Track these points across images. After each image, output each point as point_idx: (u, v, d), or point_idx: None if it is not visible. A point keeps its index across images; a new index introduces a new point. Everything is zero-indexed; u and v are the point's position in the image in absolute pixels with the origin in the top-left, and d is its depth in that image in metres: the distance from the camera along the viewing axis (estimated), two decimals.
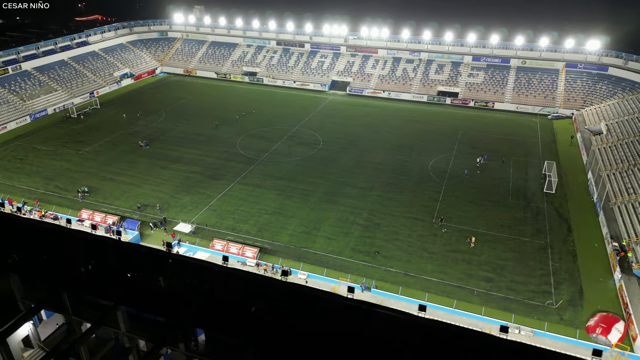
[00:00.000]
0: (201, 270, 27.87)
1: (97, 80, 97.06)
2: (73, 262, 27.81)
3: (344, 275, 42.44)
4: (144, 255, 29.85)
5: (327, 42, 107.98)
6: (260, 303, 23.65)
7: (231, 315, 24.32)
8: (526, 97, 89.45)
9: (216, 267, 28.35)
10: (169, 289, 26.04)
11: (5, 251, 28.03)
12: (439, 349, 21.31)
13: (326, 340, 21.55)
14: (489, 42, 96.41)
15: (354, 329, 22.44)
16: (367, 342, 21.28)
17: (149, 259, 29.20)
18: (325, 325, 22.68)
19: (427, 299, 39.21)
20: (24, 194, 55.86)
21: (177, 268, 27.83)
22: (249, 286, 26.33)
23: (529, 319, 38.36)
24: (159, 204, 53.13)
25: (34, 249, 28.85)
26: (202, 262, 30.61)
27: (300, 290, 26.91)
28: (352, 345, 21.20)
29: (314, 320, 23.20)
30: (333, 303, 25.40)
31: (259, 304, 23.48)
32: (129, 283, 26.44)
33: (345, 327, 22.62)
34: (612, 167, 60.72)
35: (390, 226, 50.93)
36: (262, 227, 50.51)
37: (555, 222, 51.87)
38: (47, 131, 75.34)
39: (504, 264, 44.88)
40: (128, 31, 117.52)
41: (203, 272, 27.44)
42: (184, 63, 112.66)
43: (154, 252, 30.76)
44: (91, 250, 29.19)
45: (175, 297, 25.96)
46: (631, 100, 79.03)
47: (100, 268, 27.18)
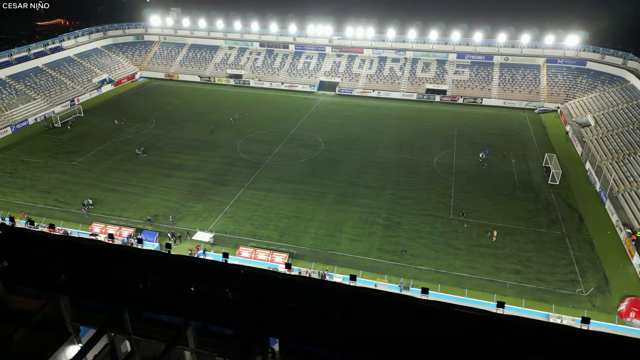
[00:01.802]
0: (262, 279, 27.06)
1: (76, 87, 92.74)
2: (128, 278, 26.39)
3: (380, 277, 42.29)
4: (200, 267, 28.70)
5: (311, 42, 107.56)
6: (333, 308, 23.07)
7: (308, 322, 23.69)
8: (512, 92, 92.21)
9: (278, 275, 27.62)
10: (239, 300, 25.12)
11: (52, 271, 26.28)
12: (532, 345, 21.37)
13: (410, 342, 21.14)
14: (472, 40, 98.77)
15: (438, 329, 22.18)
16: (458, 340, 21.03)
17: (207, 271, 28.09)
18: (403, 326, 22.27)
19: (467, 294, 39.62)
20: (24, 211, 52.54)
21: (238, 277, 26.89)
22: (314, 292, 25.69)
23: (564, 307, 39.42)
24: (171, 216, 51.11)
25: (82, 268, 27.19)
26: (260, 271, 29.73)
27: (371, 294, 26.56)
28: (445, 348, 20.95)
29: (389, 322, 22.86)
30: (406, 304, 25.19)
31: (332, 309, 22.89)
32: (196, 297, 25.31)
33: (428, 328, 22.33)
34: (608, 157, 63.40)
35: (411, 224, 51.16)
36: (284, 232, 49.63)
37: (566, 212, 53.62)
38: (33, 142, 71.24)
39: (528, 256, 45.96)
40: (102, 35, 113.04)
41: (265, 281, 26.64)
42: (165, 67, 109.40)
43: (211, 263, 29.59)
44: (142, 265, 27.78)
45: (247, 308, 25.06)
46: (612, 93, 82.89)
47: (158, 283, 25.89)
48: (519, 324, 23.08)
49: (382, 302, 25.13)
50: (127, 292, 26.26)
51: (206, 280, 27.03)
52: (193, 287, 26.29)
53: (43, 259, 28.79)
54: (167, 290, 26.31)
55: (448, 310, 24.26)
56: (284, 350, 26.64)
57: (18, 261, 27.18)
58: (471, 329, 22.54)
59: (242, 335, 25.32)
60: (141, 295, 25.97)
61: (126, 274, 26.70)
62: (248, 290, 26.19)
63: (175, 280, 27.27)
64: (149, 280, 26.19)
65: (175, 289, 26.55)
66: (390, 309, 24.40)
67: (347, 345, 21.95)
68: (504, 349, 20.98)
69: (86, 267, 27.54)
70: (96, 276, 26.65)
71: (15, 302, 28.44)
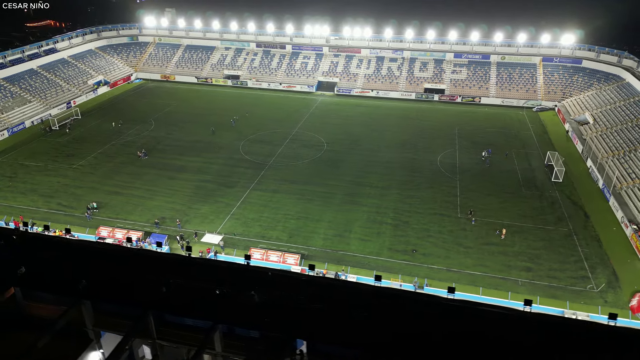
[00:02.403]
0: (284, 280, 26.88)
1: (72, 89, 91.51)
2: (151, 282, 26.04)
3: (394, 276, 42.27)
4: (224, 270, 28.41)
5: (308, 43, 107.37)
6: (360, 309, 22.95)
7: (336, 323, 23.54)
8: (509, 91, 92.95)
9: (303, 276, 27.46)
10: (265, 302, 24.92)
11: (72, 276, 25.82)
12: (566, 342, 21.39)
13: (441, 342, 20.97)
14: (469, 40, 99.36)
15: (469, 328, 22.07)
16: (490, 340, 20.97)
17: (230, 273, 27.83)
18: (432, 325, 22.14)
19: (482, 293, 39.78)
20: (25, 215, 51.67)
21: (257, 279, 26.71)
22: (339, 292, 25.56)
23: (577, 304, 39.77)
24: (178, 219, 50.54)
25: (102, 272, 26.78)
26: (282, 272, 29.54)
27: (397, 293, 26.50)
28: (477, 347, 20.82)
29: (417, 322, 22.76)
30: (432, 303, 25.14)
31: (359, 310, 22.76)
32: (223, 300, 25.04)
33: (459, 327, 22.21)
34: (609, 155, 64.16)
35: (419, 224, 51.27)
36: (293, 233, 49.43)
37: (571, 210, 54.13)
38: (31, 145, 70.09)
39: (537, 253, 46.30)
40: (96, 36, 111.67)
41: (287, 282, 26.47)
42: (160, 68, 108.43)
43: (234, 266, 29.30)
44: (162, 268, 27.43)
45: (274, 310, 24.87)
46: (608, 90, 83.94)
47: (182, 287, 25.58)
48: (549, 322, 23.17)
49: (408, 301, 25.08)
50: (151, 295, 25.90)
51: (230, 282, 26.80)
52: (218, 290, 26.03)
53: (61, 264, 28.30)
54: (191, 294, 26.00)
55: (475, 309, 24.29)
56: (311, 352, 26.46)
57: (36, 267, 26.64)
58: (501, 327, 22.57)
59: (268, 338, 25.14)
60: (166, 298, 25.65)
61: (148, 278, 26.35)
62: (273, 292, 26.03)
63: (199, 283, 26.98)
64: (172, 284, 25.88)
65: (200, 292, 26.24)
66: (417, 308, 24.37)
67: (376, 345, 21.80)
68: (539, 347, 20.98)
69: (106, 271, 27.10)
70: (117, 280, 26.26)
71: (34, 309, 27.92)
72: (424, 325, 22.69)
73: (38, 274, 27.09)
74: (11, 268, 25.96)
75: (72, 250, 29.89)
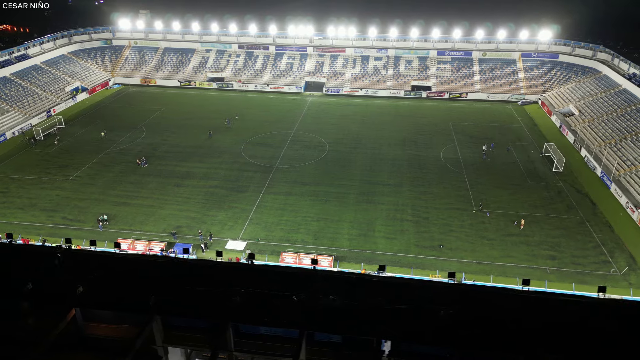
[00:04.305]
0: (357, 283, 26.59)
1: (49, 97, 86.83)
2: (218, 292, 25.09)
3: (432, 272, 42.64)
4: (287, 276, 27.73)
5: (292, 43, 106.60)
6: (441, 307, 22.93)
7: (419, 322, 23.46)
8: (493, 86, 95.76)
9: (374, 277, 27.27)
10: (345, 306, 24.54)
11: (137, 293, 24.51)
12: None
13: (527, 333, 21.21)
14: (451, 37, 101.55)
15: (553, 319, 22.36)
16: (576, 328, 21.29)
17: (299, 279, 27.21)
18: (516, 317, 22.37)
19: (518, 283, 40.72)
20: (30, 232, 48.62)
21: (325, 283, 26.30)
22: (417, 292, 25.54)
23: (607, 288, 41.34)
24: (200, 229, 48.82)
25: (165, 286, 25.57)
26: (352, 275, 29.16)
27: (474, 289, 26.70)
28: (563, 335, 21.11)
29: (501, 315, 22.99)
30: (511, 296, 25.49)
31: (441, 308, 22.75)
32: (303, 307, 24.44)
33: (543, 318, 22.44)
34: (601, 144, 67.27)
35: (439, 219, 51.97)
36: (317, 235, 48.97)
37: (578, 198, 56.39)
38: (17, 158, 65.94)
39: (558, 241, 47.94)
40: (67, 41, 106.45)
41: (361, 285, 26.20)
42: (139, 72, 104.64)
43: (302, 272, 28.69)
44: (227, 277, 26.51)
45: (355, 313, 24.53)
46: (588, 83, 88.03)
47: (255, 295, 24.80)
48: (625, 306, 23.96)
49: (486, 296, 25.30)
50: (225, 306, 24.93)
51: (302, 288, 26.17)
52: (295, 297, 25.40)
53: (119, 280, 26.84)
54: (266, 302, 25.22)
55: (555, 300, 24.81)
56: (395, 352, 26.23)
57: (94, 285, 25.14)
58: (581, 315, 23.11)
59: (351, 341, 24.76)
60: (241, 308, 24.76)
61: (213, 288, 25.35)
62: (351, 295, 25.63)
63: (270, 290, 26.21)
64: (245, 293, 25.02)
65: (276, 300, 25.51)
66: (497, 302, 24.59)
67: (462, 341, 21.83)
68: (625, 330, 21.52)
69: (169, 285, 25.91)
70: (183, 293, 25.16)
71: (94, 329, 26.48)
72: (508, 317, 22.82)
73: (98, 292, 25.52)
74: (69, 288, 24.28)
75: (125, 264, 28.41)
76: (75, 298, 23.73)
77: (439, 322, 22.40)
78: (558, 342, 20.30)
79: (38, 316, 25.89)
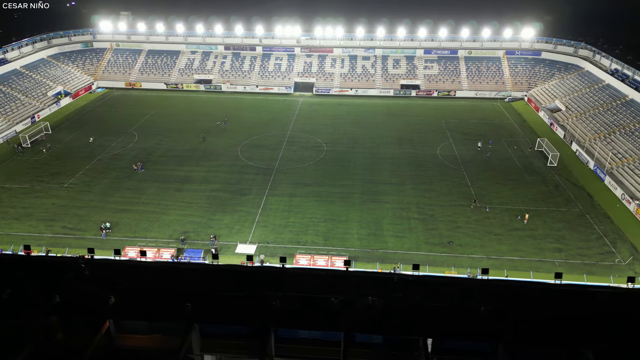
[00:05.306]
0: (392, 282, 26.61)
1: (32, 102, 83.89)
2: (261, 298, 24.72)
3: (448, 269, 43.03)
4: (325, 278, 27.52)
5: (279, 44, 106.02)
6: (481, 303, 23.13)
7: (460, 320, 23.61)
8: (480, 84, 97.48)
9: (409, 277, 27.37)
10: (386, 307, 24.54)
11: (170, 301, 23.90)
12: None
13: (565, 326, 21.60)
14: (437, 36, 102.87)
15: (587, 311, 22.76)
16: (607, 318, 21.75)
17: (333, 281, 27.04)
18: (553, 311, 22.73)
19: (532, 276, 41.56)
20: (30, 242, 46.74)
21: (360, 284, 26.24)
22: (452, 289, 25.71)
23: (615, 278, 42.66)
24: (212, 235, 47.79)
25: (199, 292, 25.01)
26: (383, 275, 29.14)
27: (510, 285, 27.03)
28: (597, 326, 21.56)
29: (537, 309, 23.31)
30: (545, 290, 25.91)
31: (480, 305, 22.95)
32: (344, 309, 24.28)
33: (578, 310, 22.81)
34: (591, 138, 69.29)
35: (445, 216, 52.52)
36: (327, 236, 48.80)
37: (575, 191, 57.91)
38: (5, 166, 63.38)
39: (562, 234, 49.11)
40: (46, 44, 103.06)
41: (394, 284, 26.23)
42: (123, 76, 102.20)
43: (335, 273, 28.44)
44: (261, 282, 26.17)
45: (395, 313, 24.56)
46: (571, 79, 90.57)
47: (293, 300, 24.53)
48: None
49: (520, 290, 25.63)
50: (266, 311, 24.56)
51: (339, 290, 26.00)
52: (334, 299, 25.22)
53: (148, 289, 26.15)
54: (305, 305, 24.96)
55: (584, 292, 25.34)
56: (437, 350, 26.32)
57: (123, 295, 24.42)
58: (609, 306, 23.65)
59: (392, 341, 24.73)
60: (283, 313, 24.44)
61: (249, 293, 24.97)
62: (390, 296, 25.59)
63: (308, 293, 25.96)
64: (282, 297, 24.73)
65: (314, 303, 25.27)
66: (532, 296, 24.96)
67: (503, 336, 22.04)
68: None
69: (204, 291, 25.38)
70: (219, 299, 24.67)
71: (129, 340, 25.73)
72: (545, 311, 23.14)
73: (129, 302, 24.72)
74: (101, 300, 23.43)
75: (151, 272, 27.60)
76: (108, 309, 22.98)
77: (480, 319, 22.58)
78: (601, 333, 20.72)
79: (73, 331, 24.94)
